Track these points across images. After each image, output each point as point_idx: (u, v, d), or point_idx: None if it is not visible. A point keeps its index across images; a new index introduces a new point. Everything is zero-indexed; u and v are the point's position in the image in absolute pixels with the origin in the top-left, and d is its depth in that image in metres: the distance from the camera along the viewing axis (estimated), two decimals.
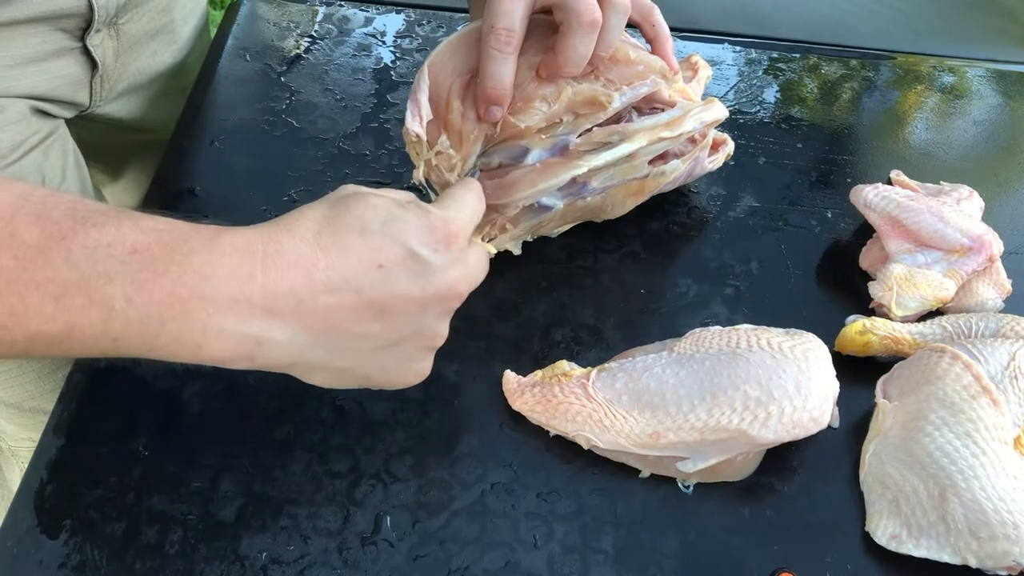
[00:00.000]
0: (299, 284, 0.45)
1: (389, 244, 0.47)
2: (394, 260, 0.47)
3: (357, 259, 0.47)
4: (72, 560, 0.54)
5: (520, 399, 0.62)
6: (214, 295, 0.44)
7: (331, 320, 0.47)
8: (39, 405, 0.80)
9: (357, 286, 0.47)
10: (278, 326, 0.46)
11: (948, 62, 0.97)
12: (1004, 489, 0.55)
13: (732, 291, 0.72)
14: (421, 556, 0.56)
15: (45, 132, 0.71)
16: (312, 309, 0.46)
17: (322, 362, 0.49)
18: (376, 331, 0.49)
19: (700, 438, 0.58)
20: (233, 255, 0.45)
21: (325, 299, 0.46)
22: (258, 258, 0.45)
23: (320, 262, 0.46)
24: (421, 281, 0.48)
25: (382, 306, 0.48)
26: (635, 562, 0.57)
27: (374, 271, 0.47)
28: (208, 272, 0.44)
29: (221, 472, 0.58)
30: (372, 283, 0.47)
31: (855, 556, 0.58)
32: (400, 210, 0.49)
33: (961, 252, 0.69)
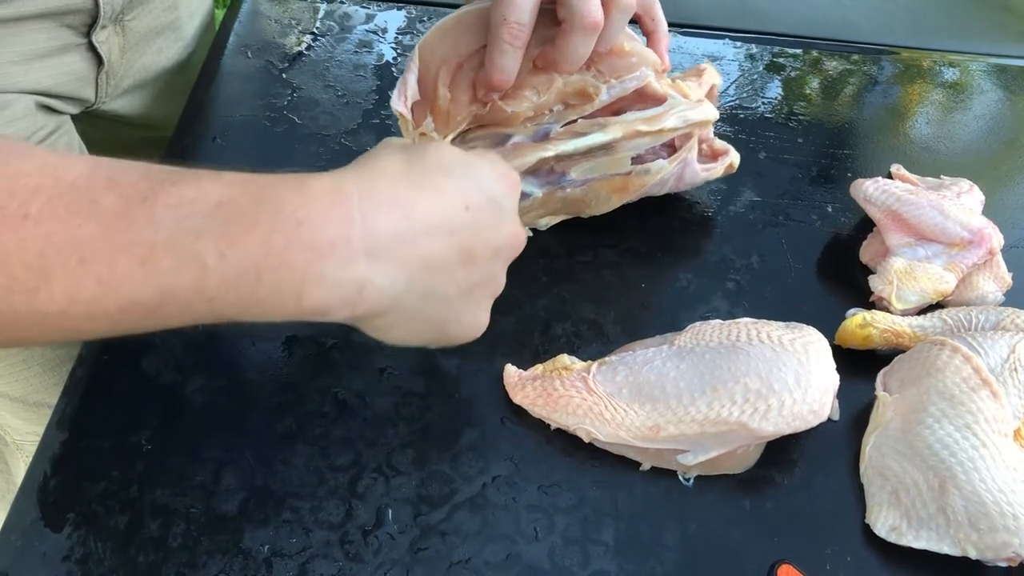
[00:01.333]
0: (400, 225, 0.44)
1: (472, 187, 0.47)
2: (478, 203, 0.47)
3: (450, 200, 0.46)
4: (76, 553, 0.54)
5: (521, 393, 0.62)
6: (312, 240, 0.41)
7: (429, 262, 0.46)
8: (44, 399, 0.81)
9: (451, 228, 0.46)
10: (380, 269, 0.44)
11: (949, 57, 0.98)
12: (1004, 481, 0.56)
13: (733, 285, 0.72)
14: (423, 549, 0.56)
15: (51, 128, 0.72)
16: (413, 251, 0.45)
17: (413, 310, 0.47)
18: (461, 276, 0.48)
19: (700, 431, 0.58)
20: (326, 198, 0.42)
21: (425, 241, 0.45)
22: (354, 199, 0.43)
23: (418, 202, 0.45)
24: (498, 226, 0.49)
25: (469, 250, 0.47)
26: (636, 554, 0.57)
27: (463, 213, 0.46)
28: (302, 216, 0.41)
29: (223, 466, 0.59)
30: (463, 225, 0.46)
31: (855, 548, 0.58)
32: (472, 155, 0.49)
33: (961, 246, 0.69)
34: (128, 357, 0.63)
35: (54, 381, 0.79)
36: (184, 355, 0.63)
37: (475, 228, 0.47)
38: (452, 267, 0.47)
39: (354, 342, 0.65)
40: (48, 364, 0.78)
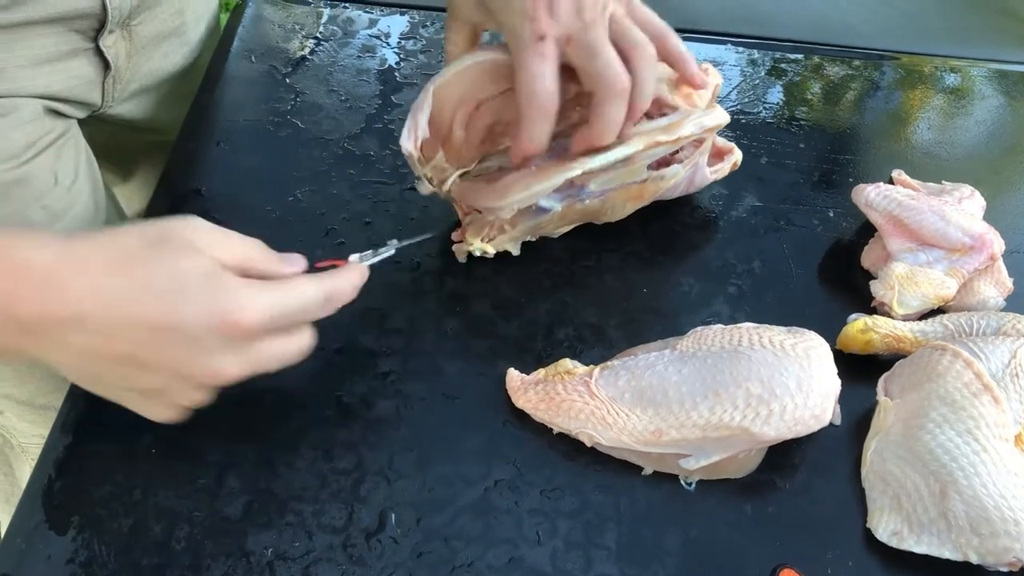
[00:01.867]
0: (63, 320, 0.47)
1: (165, 312, 0.48)
2: (164, 326, 0.48)
3: (129, 313, 0.48)
4: (80, 556, 0.55)
5: (523, 397, 0.62)
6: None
7: (88, 358, 0.49)
8: (49, 402, 0.81)
9: (120, 337, 0.48)
10: (39, 347, 0.49)
11: (950, 62, 0.98)
12: (1005, 486, 0.56)
13: (734, 290, 0.72)
14: (425, 552, 0.56)
15: (58, 132, 0.72)
16: (71, 344, 0.48)
17: (82, 379, 0.53)
18: (125, 374, 0.51)
19: (702, 435, 0.58)
20: (5, 276, 0.47)
21: (85, 339, 0.48)
22: (29, 283, 0.47)
23: (90, 306, 0.47)
24: (184, 356, 0.49)
25: (142, 363, 0.49)
26: (638, 558, 0.57)
27: (141, 331, 0.48)
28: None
29: (227, 469, 0.59)
30: (135, 340, 0.48)
31: (857, 552, 0.58)
32: (200, 277, 0.49)
33: (963, 251, 0.69)
34: None
35: (59, 384, 0.79)
36: None
37: (151, 346, 0.49)
38: (111, 367, 0.50)
39: (357, 346, 0.65)
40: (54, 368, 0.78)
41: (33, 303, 0.47)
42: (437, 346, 0.66)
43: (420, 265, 0.71)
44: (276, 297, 0.51)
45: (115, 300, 0.48)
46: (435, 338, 0.67)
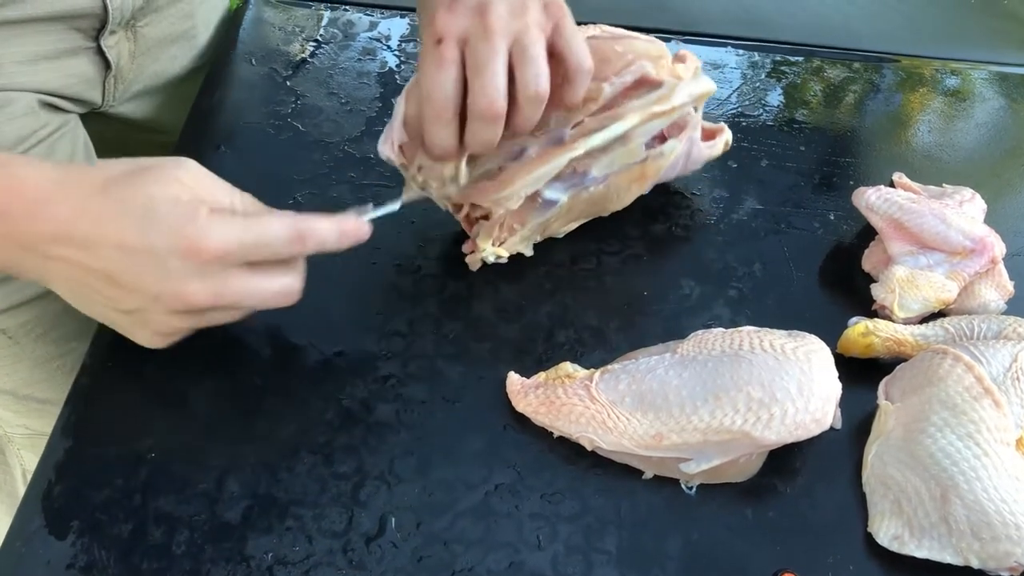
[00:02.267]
0: (48, 235, 0.51)
1: (135, 233, 0.51)
2: (134, 247, 0.51)
3: (105, 232, 0.51)
4: (79, 561, 0.54)
5: (524, 401, 0.62)
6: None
7: (72, 272, 0.53)
8: (32, 393, 0.81)
9: (98, 255, 0.52)
10: (27, 260, 0.53)
11: (951, 64, 0.98)
12: (1006, 490, 0.56)
13: (735, 293, 0.72)
14: (426, 557, 0.56)
15: (54, 126, 0.72)
16: (56, 257, 0.52)
17: (74, 299, 0.56)
18: (108, 294, 0.54)
19: (703, 439, 0.58)
20: (8, 192, 0.51)
21: (68, 253, 0.52)
22: (21, 200, 0.51)
23: (75, 224, 0.51)
24: (153, 277, 0.52)
25: (114, 280, 0.52)
26: (638, 563, 0.57)
27: (114, 249, 0.51)
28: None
29: (227, 473, 0.59)
30: (111, 259, 0.52)
31: (857, 557, 0.58)
32: (170, 204, 0.52)
33: (963, 254, 0.69)
34: (132, 365, 0.63)
35: (43, 375, 0.80)
36: (188, 363, 0.63)
37: (123, 263, 0.52)
38: (95, 285, 0.53)
39: (358, 350, 0.65)
40: (38, 359, 0.78)
41: (25, 218, 0.51)
42: (437, 349, 0.66)
43: (420, 268, 0.71)
44: (242, 227, 0.53)
45: (95, 219, 0.51)
46: (435, 341, 0.67)
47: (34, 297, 0.73)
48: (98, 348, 0.64)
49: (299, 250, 0.56)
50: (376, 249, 0.71)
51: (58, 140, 0.73)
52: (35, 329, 0.75)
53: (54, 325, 0.76)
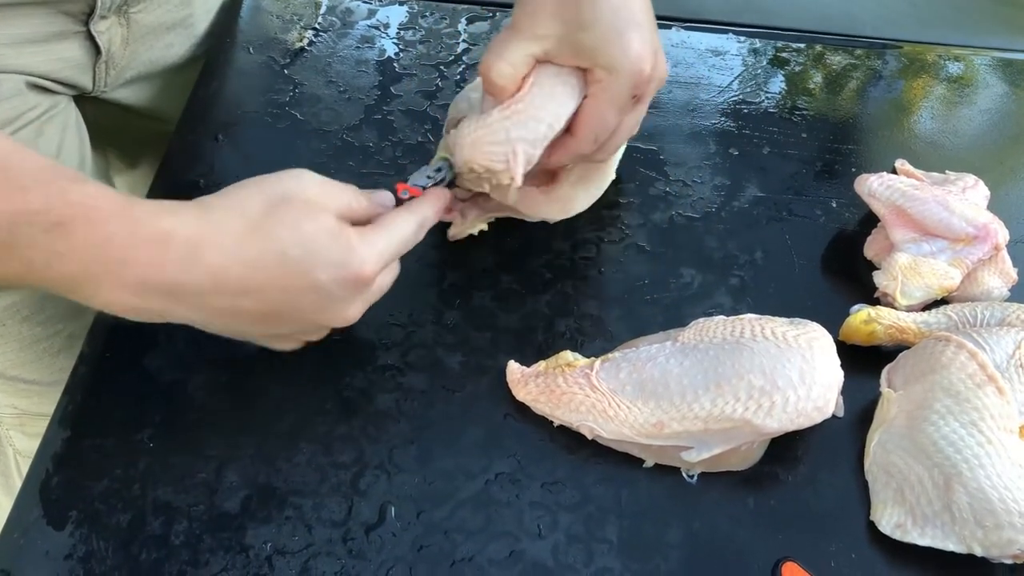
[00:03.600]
0: (206, 286, 0.51)
1: (299, 275, 0.52)
2: (298, 288, 0.53)
3: (266, 278, 0.52)
4: (78, 551, 0.54)
5: (524, 389, 0.62)
6: (124, 277, 0.49)
7: (225, 315, 0.53)
8: (20, 374, 0.81)
9: (258, 298, 0.52)
10: (179, 309, 0.52)
11: (954, 51, 0.97)
12: (1009, 478, 0.55)
13: (736, 281, 0.71)
14: (426, 546, 0.56)
15: (43, 108, 0.71)
16: (211, 305, 0.52)
17: (213, 330, 0.56)
18: (262, 326, 0.56)
19: (704, 428, 0.58)
20: (150, 244, 0.49)
21: (225, 301, 0.52)
22: (172, 252, 0.50)
23: (232, 272, 0.51)
24: (317, 308, 0.55)
25: (274, 314, 0.54)
26: (639, 552, 0.57)
27: (276, 292, 0.52)
28: (122, 257, 0.49)
29: (226, 463, 0.58)
30: (272, 300, 0.53)
31: (860, 545, 0.58)
32: (325, 239, 0.53)
33: (966, 241, 0.69)
34: (130, 355, 0.63)
35: (30, 357, 0.80)
36: (186, 353, 0.63)
37: (287, 303, 0.53)
38: (253, 322, 0.55)
39: (357, 339, 0.65)
40: (25, 341, 0.78)
41: (176, 272, 0.50)
42: (437, 339, 0.66)
43: (420, 257, 0.70)
44: (386, 243, 0.56)
45: (252, 266, 0.51)
46: (435, 331, 0.66)
47: None
48: (96, 338, 0.64)
49: (421, 238, 0.60)
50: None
51: (47, 122, 0.72)
52: (21, 311, 0.75)
53: (40, 307, 0.76)
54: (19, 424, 0.91)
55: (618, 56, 0.59)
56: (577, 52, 0.59)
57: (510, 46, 0.59)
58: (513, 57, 0.59)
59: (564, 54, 0.59)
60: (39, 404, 0.84)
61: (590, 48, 0.59)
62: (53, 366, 0.80)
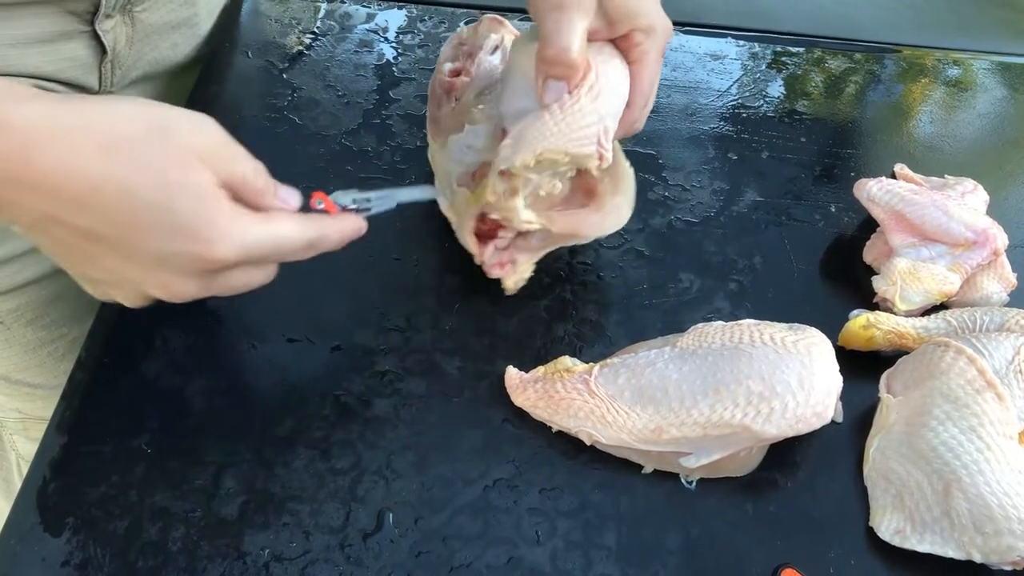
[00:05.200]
0: (35, 183, 0.44)
1: (146, 224, 0.46)
2: (140, 235, 0.46)
3: (103, 208, 0.45)
4: (75, 558, 0.54)
5: (522, 395, 0.62)
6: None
7: (48, 228, 0.47)
8: (24, 378, 0.81)
9: (85, 221, 0.46)
10: (6, 205, 0.45)
11: (953, 55, 0.97)
12: (1009, 484, 0.55)
13: (735, 286, 0.71)
14: (424, 552, 0.56)
15: None
16: (34, 210, 0.46)
17: (43, 248, 0.49)
18: (91, 261, 0.49)
19: (703, 433, 0.58)
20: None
21: (48, 210, 0.45)
22: (9, 143, 0.43)
23: (67, 185, 0.44)
24: (144, 266, 0.48)
25: (100, 252, 0.48)
26: (638, 558, 0.57)
27: (114, 228, 0.46)
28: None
29: (223, 469, 0.58)
30: (102, 234, 0.46)
31: (859, 551, 0.58)
32: (188, 197, 0.46)
33: (965, 246, 0.69)
34: (128, 361, 0.63)
35: (35, 361, 0.80)
36: (184, 358, 0.63)
37: (122, 250, 0.47)
38: (80, 249, 0.48)
39: (355, 344, 0.65)
40: (29, 345, 0.78)
41: (6, 162, 0.43)
42: (435, 344, 0.66)
43: (418, 262, 0.70)
44: (258, 237, 0.49)
45: (98, 188, 0.45)
46: (433, 336, 0.66)
47: (25, 283, 0.73)
48: (93, 343, 0.64)
49: (306, 256, 0.54)
50: (373, 243, 0.70)
51: None
52: (25, 314, 0.75)
53: (45, 311, 0.76)
54: (23, 429, 0.91)
55: (652, 15, 0.60)
56: (612, 21, 0.59)
57: (574, 24, 0.57)
58: (582, 34, 0.57)
59: (599, 27, 0.60)
60: (43, 408, 0.84)
61: (625, 14, 0.59)
62: (57, 370, 0.80)
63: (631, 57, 0.61)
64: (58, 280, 0.75)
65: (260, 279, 0.53)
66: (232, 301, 0.66)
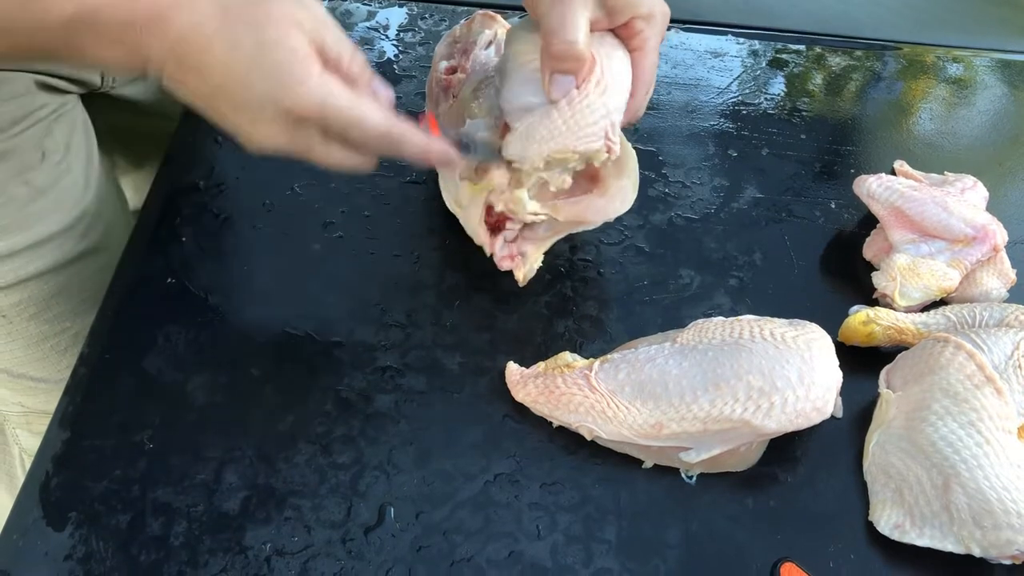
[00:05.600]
0: (162, 47, 0.50)
1: (241, 73, 0.51)
2: (237, 84, 0.51)
3: (209, 60, 0.50)
4: (77, 552, 0.54)
5: (523, 390, 0.62)
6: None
7: (175, 69, 0.51)
8: (27, 372, 0.82)
9: (197, 71, 0.51)
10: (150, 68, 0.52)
11: (953, 52, 0.97)
12: (1008, 478, 0.55)
13: (735, 282, 0.71)
14: (425, 547, 0.56)
15: (53, 107, 0.71)
16: (171, 73, 0.51)
17: (196, 106, 0.54)
18: (213, 103, 0.53)
19: (703, 428, 0.58)
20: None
21: (173, 52, 0.51)
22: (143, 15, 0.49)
23: (186, 41, 0.50)
24: (238, 105, 0.52)
25: (217, 96, 0.53)
26: (638, 552, 0.57)
27: (217, 77, 0.51)
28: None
29: (225, 464, 0.58)
30: (210, 83, 0.51)
31: (858, 546, 0.58)
32: (283, 52, 0.51)
33: (965, 242, 0.69)
34: (130, 356, 0.63)
35: (38, 355, 0.80)
36: (186, 354, 0.63)
37: (225, 95, 0.52)
38: (201, 90, 0.53)
39: (356, 340, 0.65)
40: (32, 339, 0.78)
41: (147, 21, 0.49)
42: (436, 340, 0.66)
43: (419, 259, 0.70)
44: (338, 100, 0.52)
45: (211, 43, 0.50)
46: (434, 332, 0.66)
47: (28, 277, 0.73)
48: (96, 339, 0.64)
49: (382, 150, 0.56)
50: (374, 240, 0.71)
51: (55, 121, 0.72)
52: (28, 309, 0.75)
53: (48, 305, 0.76)
54: (26, 423, 0.91)
55: (651, 1, 0.60)
56: (612, 11, 0.60)
57: (578, 18, 0.58)
58: (586, 26, 0.58)
59: (599, 16, 0.60)
60: (46, 402, 0.84)
61: (625, 3, 0.59)
62: (60, 364, 0.81)
63: (632, 45, 0.62)
64: (61, 275, 0.75)
65: (343, 159, 0.56)
66: (231, 296, 0.66)
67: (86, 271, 0.77)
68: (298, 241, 0.70)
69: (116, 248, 0.72)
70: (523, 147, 0.60)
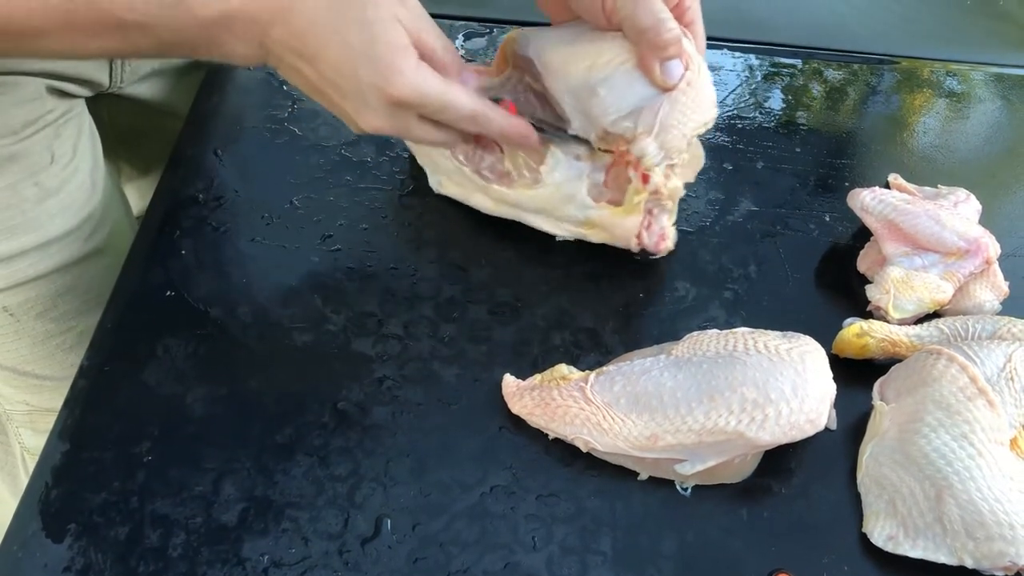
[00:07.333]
0: (282, 39, 0.56)
1: (347, 66, 0.57)
2: (342, 75, 0.57)
3: (317, 47, 0.57)
4: (76, 564, 0.55)
5: (519, 402, 0.62)
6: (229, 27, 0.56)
7: (278, 52, 0.58)
8: (33, 370, 0.82)
9: (304, 59, 0.58)
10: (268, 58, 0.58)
11: (949, 66, 0.98)
12: (1000, 490, 0.56)
13: (730, 295, 0.72)
14: (421, 558, 0.56)
15: (61, 111, 0.72)
16: (285, 61, 0.58)
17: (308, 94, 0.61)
18: (310, 85, 0.60)
19: (698, 440, 0.58)
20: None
21: (290, 59, 0.58)
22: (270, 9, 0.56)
23: (304, 35, 0.56)
24: (345, 94, 0.59)
25: (317, 80, 0.59)
26: (634, 564, 0.57)
27: (324, 65, 0.57)
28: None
29: (223, 476, 0.59)
30: (316, 69, 0.58)
31: (852, 557, 0.58)
32: (384, 48, 0.56)
33: (958, 255, 0.69)
34: (129, 369, 0.63)
35: (43, 353, 0.81)
36: (184, 366, 0.64)
37: (327, 82, 0.58)
38: (302, 73, 0.59)
39: (353, 352, 0.66)
40: (38, 337, 0.79)
41: (267, 14, 0.55)
42: (433, 352, 0.66)
43: (416, 271, 0.71)
44: (432, 88, 0.58)
45: (319, 34, 0.56)
46: (431, 344, 0.67)
47: (36, 276, 0.74)
48: (96, 351, 0.64)
49: (470, 129, 0.63)
50: (372, 253, 0.71)
51: (63, 125, 0.73)
52: (35, 307, 0.76)
53: (55, 304, 0.77)
54: (29, 421, 0.92)
55: None
56: None
57: (662, 6, 0.61)
58: (664, 6, 0.62)
59: None
60: (50, 400, 0.85)
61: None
62: (65, 362, 0.81)
63: (684, 20, 0.65)
64: (68, 274, 0.76)
65: (437, 137, 0.63)
66: (230, 309, 0.67)
67: (91, 271, 0.78)
68: (296, 254, 0.71)
69: (120, 250, 0.73)
70: (663, 140, 0.63)
